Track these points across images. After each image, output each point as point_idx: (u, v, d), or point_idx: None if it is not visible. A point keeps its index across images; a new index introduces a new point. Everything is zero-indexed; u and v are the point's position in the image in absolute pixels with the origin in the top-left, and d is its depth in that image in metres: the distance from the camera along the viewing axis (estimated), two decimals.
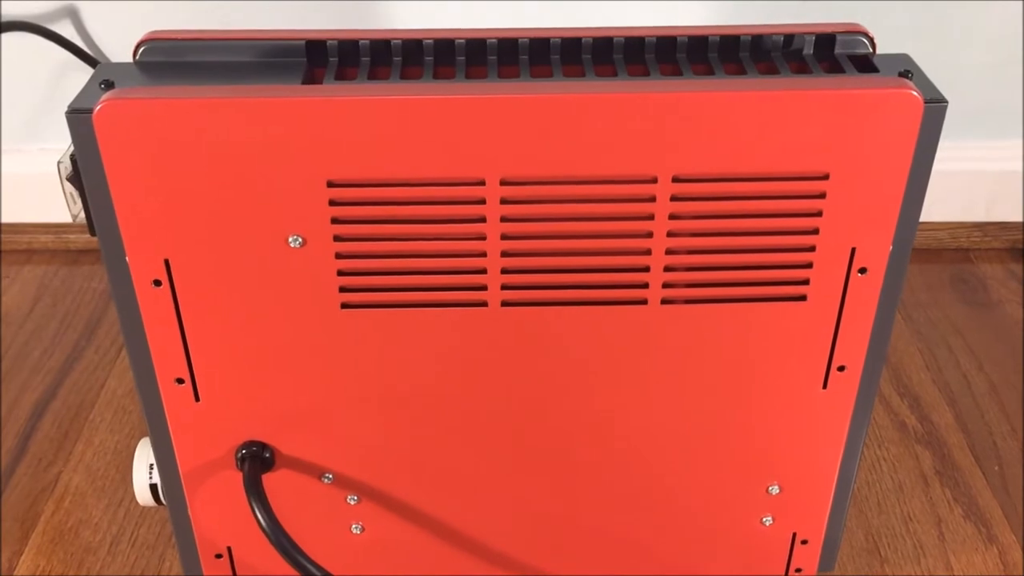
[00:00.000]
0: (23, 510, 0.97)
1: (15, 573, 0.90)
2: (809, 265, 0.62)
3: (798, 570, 0.78)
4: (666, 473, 0.72)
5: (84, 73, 1.18)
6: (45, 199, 1.29)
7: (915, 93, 0.57)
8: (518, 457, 0.71)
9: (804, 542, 0.76)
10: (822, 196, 0.60)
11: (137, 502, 0.79)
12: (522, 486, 0.73)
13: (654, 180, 0.59)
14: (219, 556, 0.76)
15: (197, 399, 0.67)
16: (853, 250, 0.62)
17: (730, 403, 0.68)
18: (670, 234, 0.61)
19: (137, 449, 0.76)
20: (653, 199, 0.60)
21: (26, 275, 1.30)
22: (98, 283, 1.28)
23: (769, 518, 0.75)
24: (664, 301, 0.64)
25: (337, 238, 0.61)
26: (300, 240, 0.61)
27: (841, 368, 0.67)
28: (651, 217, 0.60)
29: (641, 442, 0.70)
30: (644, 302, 0.64)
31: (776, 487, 0.73)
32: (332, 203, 0.59)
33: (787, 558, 0.77)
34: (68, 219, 1.31)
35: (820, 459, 0.72)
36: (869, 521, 0.93)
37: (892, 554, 0.91)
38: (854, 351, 0.66)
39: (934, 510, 0.95)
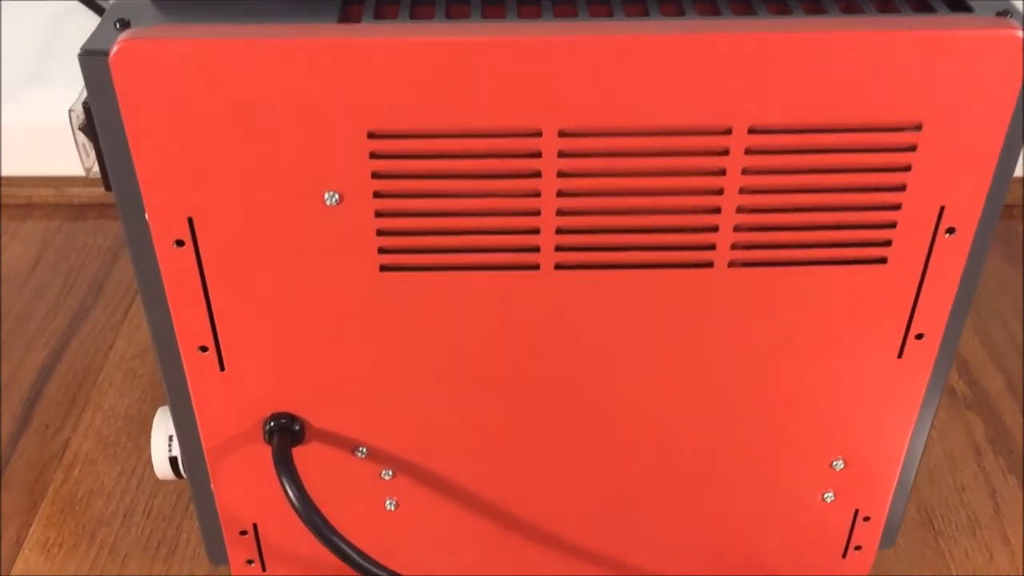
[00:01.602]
0: (31, 479, 0.92)
1: (24, 545, 0.86)
2: (893, 225, 0.57)
3: (858, 548, 0.74)
4: (725, 447, 0.67)
5: (85, 16, 1.12)
6: (45, 151, 1.23)
7: (1019, 34, 0.52)
8: (567, 432, 0.66)
9: (866, 519, 0.72)
10: (912, 149, 0.54)
11: (153, 471, 0.74)
12: (570, 462, 0.68)
13: (728, 131, 0.54)
14: (244, 533, 0.71)
15: (222, 368, 0.62)
16: (942, 209, 0.57)
17: (798, 373, 0.63)
18: (742, 191, 0.56)
19: (155, 419, 0.71)
20: (726, 152, 0.54)
21: (27, 231, 1.24)
22: (103, 239, 1.22)
23: (831, 494, 0.70)
24: (732, 264, 0.58)
25: (377, 194, 0.55)
26: (337, 197, 0.55)
27: (919, 336, 0.62)
28: (722, 172, 0.55)
29: (701, 415, 0.65)
30: (710, 265, 0.58)
31: (840, 462, 0.68)
32: (372, 156, 0.54)
33: (847, 536, 0.73)
34: (69, 172, 1.25)
35: (889, 433, 0.67)
36: (921, 493, 0.89)
37: (946, 527, 0.87)
38: (934, 318, 0.61)
39: (988, 480, 0.90)
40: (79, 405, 1.00)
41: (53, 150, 1.18)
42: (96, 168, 0.58)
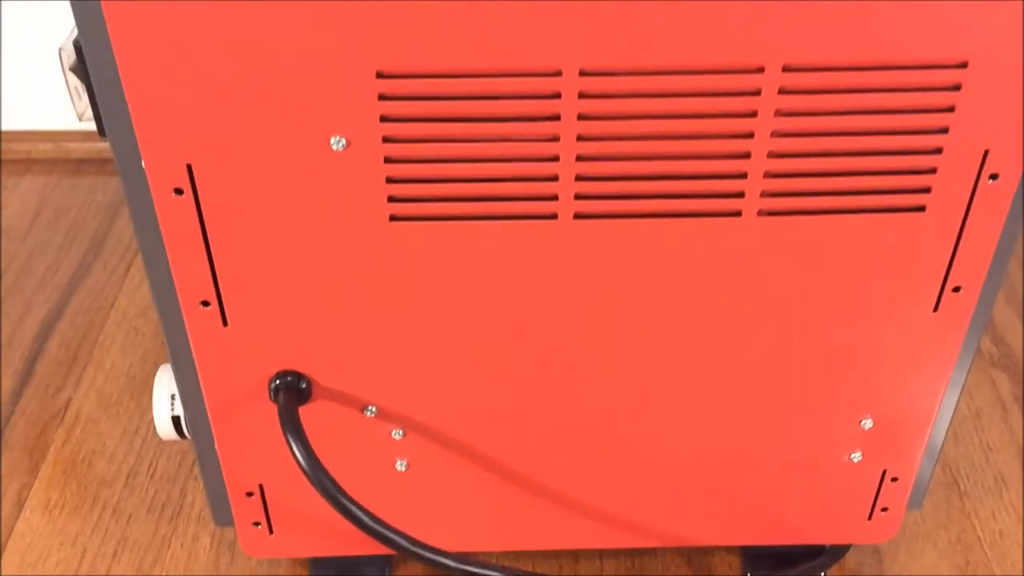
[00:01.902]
0: (31, 439, 0.90)
1: (25, 506, 0.84)
2: (933, 170, 0.54)
3: (884, 509, 0.71)
4: (751, 404, 0.64)
5: None
6: (42, 102, 1.20)
7: None
8: (586, 389, 0.64)
9: (894, 479, 0.69)
10: (956, 88, 0.51)
11: (156, 431, 0.72)
12: (589, 423, 0.65)
13: (760, 70, 0.50)
14: (250, 495, 0.69)
15: (225, 324, 0.59)
16: (986, 153, 0.53)
17: (829, 328, 0.60)
18: (774, 134, 0.52)
19: (156, 377, 0.69)
20: (758, 93, 0.51)
21: (25, 187, 1.21)
22: (103, 195, 1.19)
23: (858, 454, 0.67)
24: (762, 212, 0.55)
25: (387, 139, 0.52)
26: (344, 142, 0.52)
27: (956, 289, 0.59)
28: (754, 114, 0.52)
29: (726, 371, 0.63)
30: (738, 214, 0.55)
31: (869, 420, 0.65)
32: (381, 98, 0.51)
33: (874, 497, 0.70)
34: (68, 126, 1.22)
35: (921, 391, 0.64)
36: (945, 452, 0.87)
37: (972, 487, 0.84)
38: (973, 270, 0.58)
39: (1015, 439, 0.88)
40: (80, 364, 0.97)
41: (49, 101, 1.15)
42: (89, 112, 0.55)
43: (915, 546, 0.80)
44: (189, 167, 0.53)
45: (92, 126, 0.55)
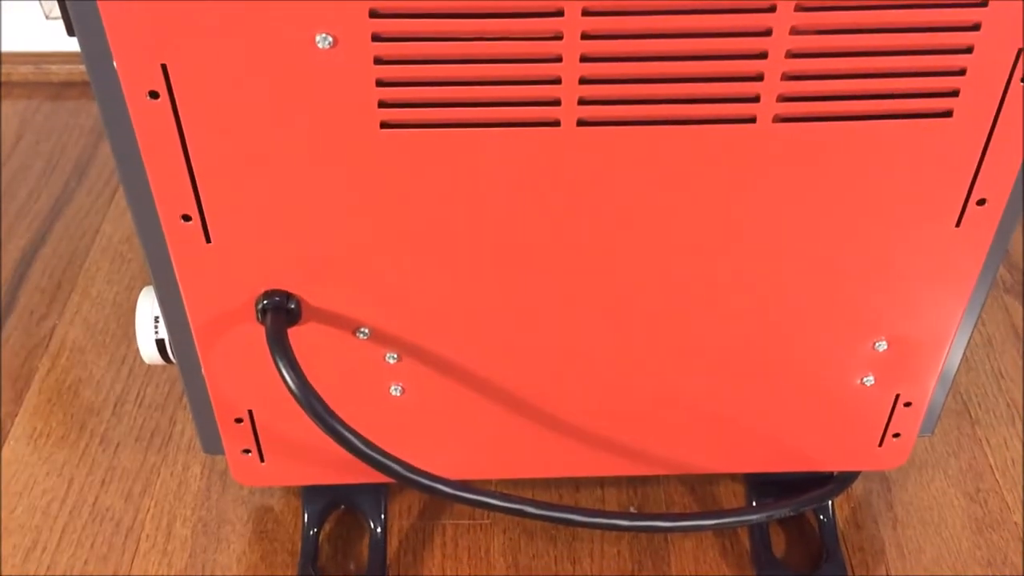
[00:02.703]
0: (15, 367, 0.87)
1: (9, 436, 0.81)
2: (962, 72, 0.50)
3: (896, 435, 0.69)
4: (762, 323, 0.62)
5: None
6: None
7: None
8: (589, 309, 0.61)
9: (907, 404, 0.67)
10: None
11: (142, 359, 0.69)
12: (593, 344, 0.63)
13: None
14: (239, 421, 0.67)
15: (208, 240, 0.56)
16: (1019, 52, 0.50)
17: (846, 243, 0.57)
18: (793, 31, 0.49)
19: (139, 299, 0.66)
20: None
21: (6, 111, 1.17)
22: (86, 119, 1.15)
23: (871, 377, 0.65)
24: (778, 118, 0.52)
25: (376, 37, 0.49)
26: (330, 39, 0.48)
27: (981, 202, 0.56)
28: (772, 9, 0.48)
29: (737, 288, 0.60)
30: (752, 120, 0.52)
31: (884, 342, 0.63)
32: None
33: (885, 422, 0.68)
34: (48, 47, 1.17)
35: (939, 312, 0.61)
36: (957, 379, 0.84)
37: (984, 415, 0.82)
38: (999, 182, 0.55)
39: None
40: (65, 291, 0.94)
41: (29, 23, 1.10)
42: (57, 11, 0.51)
43: (924, 474, 0.78)
44: (164, 67, 0.49)
45: (74, 44, 0.51)
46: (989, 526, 0.75)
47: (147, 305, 0.65)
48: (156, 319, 0.65)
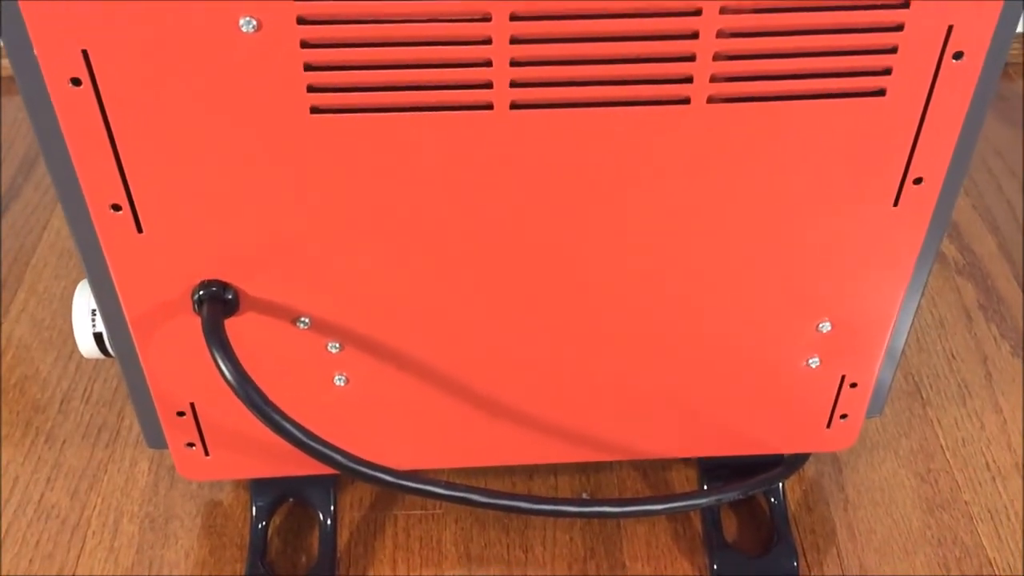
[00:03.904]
0: None
1: None
2: (893, 49, 0.50)
3: (843, 416, 0.69)
4: (702, 307, 0.61)
5: None
6: None
7: None
8: (526, 293, 0.60)
9: (853, 385, 0.67)
10: None
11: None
12: (533, 330, 0.62)
13: None
14: (181, 414, 0.66)
15: (140, 230, 0.55)
16: (950, 29, 0.50)
17: (783, 224, 0.57)
18: (724, 11, 0.48)
19: (76, 293, 0.65)
20: None
21: None
22: None
23: (816, 359, 0.65)
24: (712, 99, 0.51)
25: (302, 20, 0.48)
26: (254, 23, 0.48)
27: (918, 181, 0.56)
28: None
29: (675, 272, 0.59)
30: (686, 101, 0.51)
31: (827, 324, 0.63)
32: None
33: (832, 403, 0.68)
34: None
35: (880, 291, 0.61)
36: (908, 360, 0.85)
37: (935, 396, 0.82)
38: (936, 160, 0.55)
39: (979, 347, 0.86)
40: (11, 288, 0.93)
41: None
42: None
43: (876, 455, 0.78)
44: (85, 53, 0.48)
45: None
46: (939, 506, 0.75)
47: (84, 299, 0.64)
48: (93, 312, 0.64)
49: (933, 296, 0.90)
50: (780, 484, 0.74)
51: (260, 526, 0.73)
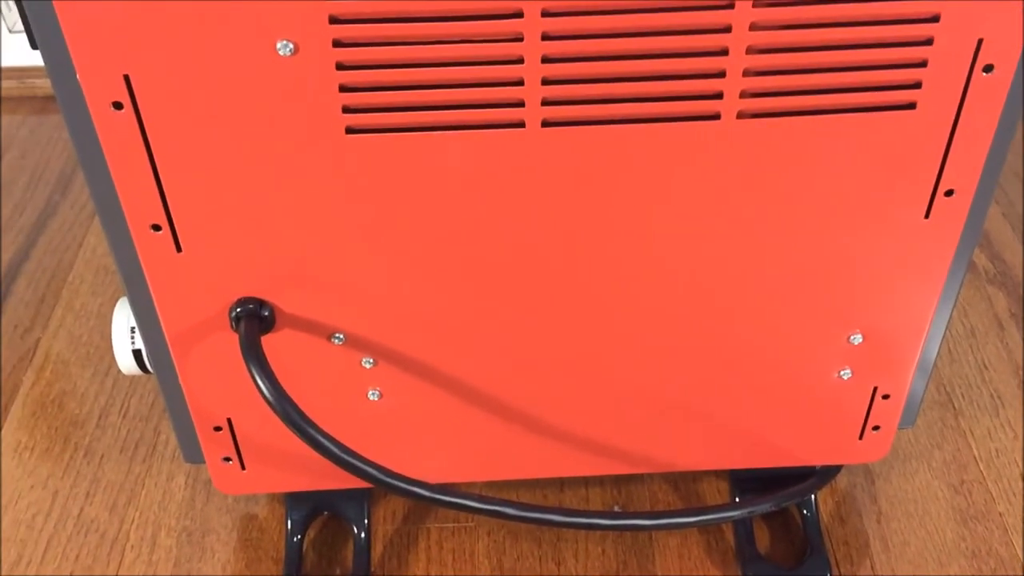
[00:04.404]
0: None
1: None
2: (923, 63, 0.50)
3: (876, 428, 0.69)
4: (735, 320, 0.62)
5: None
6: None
7: None
8: (561, 309, 0.61)
9: (885, 397, 0.67)
10: None
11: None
12: (567, 345, 0.63)
13: None
14: (218, 429, 0.67)
15: (179, 249, 0.56)
16: (980, 42, 0.50)
17: (815, 237, 0.57)
18: (754, 27, 0.49)
19: (115, 310, 0.66)
20: None
21: None
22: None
23: (847, 371, 0.65)
24: (742, 114, 0.52)
25: (338, 43, 0.49)
26: (291, 46, 0.48)
27: (949, 193, 0.56)
28: (731, 5, 0.48)
29: (707, 286, 0.60)
30: (716, 116, 0.52)
31: (859, 335, 0.63)
32: None
33: (864, 415, 0.68)
34: (32, 62, 1.17)
35: (912, 303, 0.61)
36: (940, 370, 0.84)
37: (967, 406, 0.82)
38: (967, 172, 0.55)
39: (1011, 356, 0.85)
40: (49, 304, 0.94)
41: (12, 38, 1.11)
42: (20, 24, 0.51)
43: (908, 466, 0.78)
44: (127, 78, 0.49)
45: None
46: (973, 517, 0.75)
47: (123, 316, 0.65)
48: (132, 330, 0.65)
49: (964, 306, 0.90)
50: (813, 496, 0.74)
51: (295, 539, 0.74)
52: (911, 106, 0.52)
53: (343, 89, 0.50)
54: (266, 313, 0.60)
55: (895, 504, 0.76)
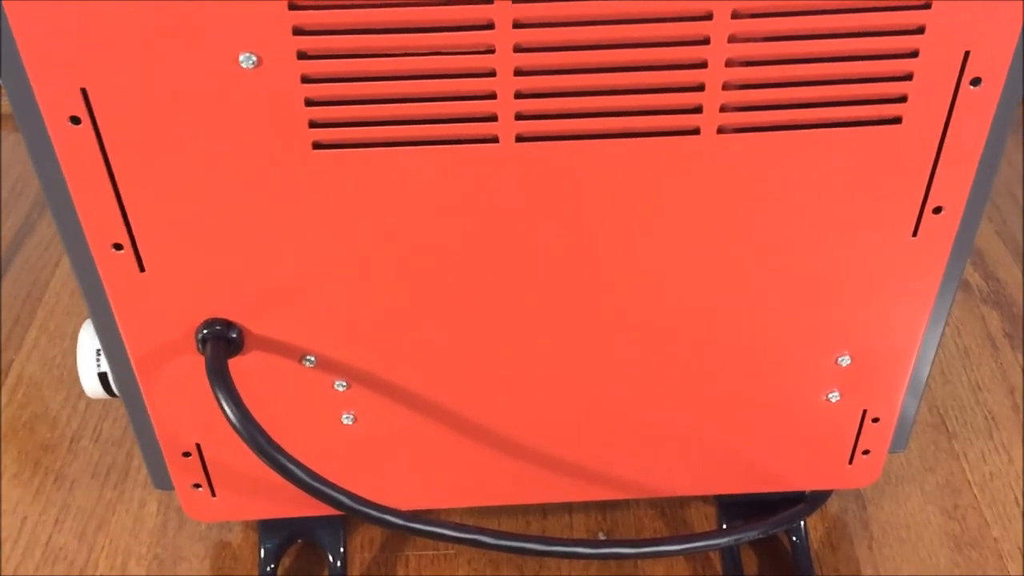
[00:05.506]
0: None
1: None
2: (909, 77, 0.49)
3: (866, 452, 0.67)
4: (717, 342, 0.60)
5: None
6: None
7: None
8: (539, 330, 0.59)
9: (875, 420, 0.65)
10: None
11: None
12: (541, 361, 0.61)
13: None
14: (187, 455, 0.65)
15: (142, 269, 0.55)
16: (967, 55, 0.48)
17: (799, 256, 0.56)
18: (732, 39, 0.47)
19: (81, 332, 0.64)
20: None
21: None
22: None
23: (836, 393, 0.63)
24: (722, 129, 0.50)
25: (302, 55, 0.47)
26: (254, 59, 0.47)
27: (937, 210, 0.54)
28: (708, 16, 0.47)
29: (688, 306, 0.58)
30: (696, 131, 0.50)
31: (847, 357, 0.61)
32: (292, 7, 0.45)
33: (854, 439, 0.66)
34: None
35: (901, 324, 0.59)
36: (933, 392, 0.82)
37: (961, 428, 0.80)
38: (955, 188, 0.53)
39: (1006, 377, 0.83)
40: (23, 325, 0.92)
41: None
42: None
43: (901, 490, 0.76)
44: (84, 92, 0.48)
45: None
46: (968, 544, 0.73)
47: (88, 338, 0.63)
48: (98, 352, 0.63)
49: (957, 325, 0.88)
50: (802, 522, 0.72)
51: (269, 568, 0.71)
52: (896, 120, 0.50)
53: (309, 103, 0.49)
54: (234, 335, 0.58)
55: (887, 530, 0.74)
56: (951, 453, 0.78)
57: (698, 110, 0.50)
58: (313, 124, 0.49)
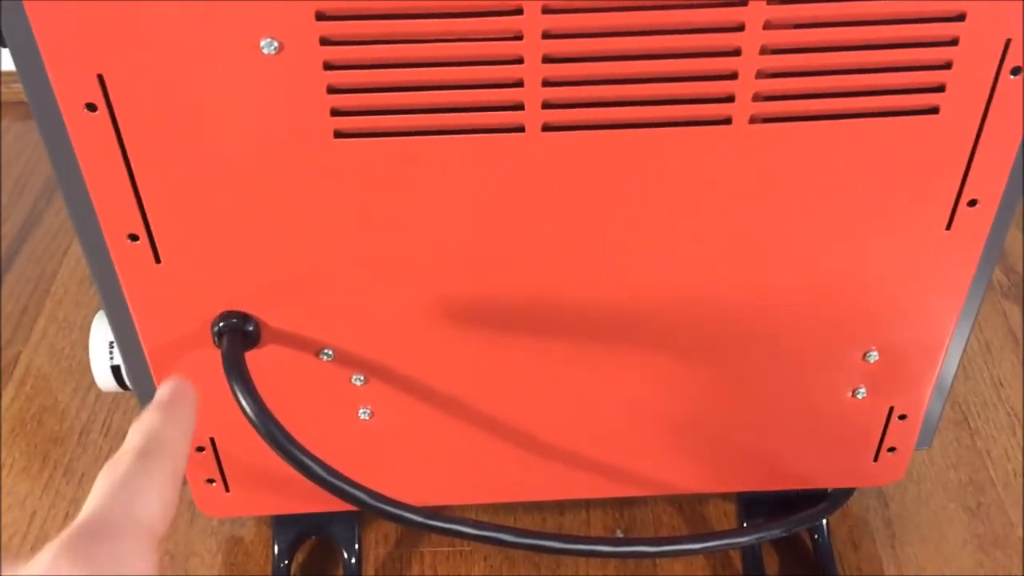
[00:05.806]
0: None
1: None
2: (948, 65, 0.47)
3: (892, 449, 0.65)
4: (745, 336, 0.58)
5: None
6: None
7: None
8: (565, 323, 0.58)
9: (902, 417, 0.64)
10: None
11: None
12: (569, 361, 0.59)
13: None
14: (200, 449, 0.64)
15: (157, 260, 0.53)
16: (1008, 43, 0.47)
17: (830, 249, 0.54)
18: (767, 26, 0.46)
19: (93, 324, 0.63)
20: None
21: None
22: None
23: (863, 390, 0.62)
24: (755, 119, 0.49)
25: (325, 41, 0.46)
26: (276, 44, 0.45)
27: (972, 203, 0.53)
28: (743, 2, 0.45)
29: (718, 300, 0.57)
30: (727, 121, 0.49)
31: (875, 353, 0.60)
32: None
33: (880, 436, 0.65)
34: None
35: (932, 319, 0.58)
36: (955, 388, 0.81)
37: (984, 425, 0.79)
38: (991, 182, 0.52)
39: None
40: (31, 316, 0.91)
41: None
42: None
43: (923, 488, 0.75)
44: (101, 78, 0.46)
45: None
46: (992, 542, 0.72)
47: (101, 330, 0.62)
48: (111, 344, 0.62)
49: (979, 320, 0.87)
50: (824, 520, 0.71)
51: (283, 564, 0.70)
52: (934, 110, 0.49)
53: (331, 90, 0.47)
54: (250, 328, 0.56)
55: (910, 529, 0.73)
56: (974, 450, 0.77)
57: (730, 99, 0.48)
58: (335, 112, 0.48)
